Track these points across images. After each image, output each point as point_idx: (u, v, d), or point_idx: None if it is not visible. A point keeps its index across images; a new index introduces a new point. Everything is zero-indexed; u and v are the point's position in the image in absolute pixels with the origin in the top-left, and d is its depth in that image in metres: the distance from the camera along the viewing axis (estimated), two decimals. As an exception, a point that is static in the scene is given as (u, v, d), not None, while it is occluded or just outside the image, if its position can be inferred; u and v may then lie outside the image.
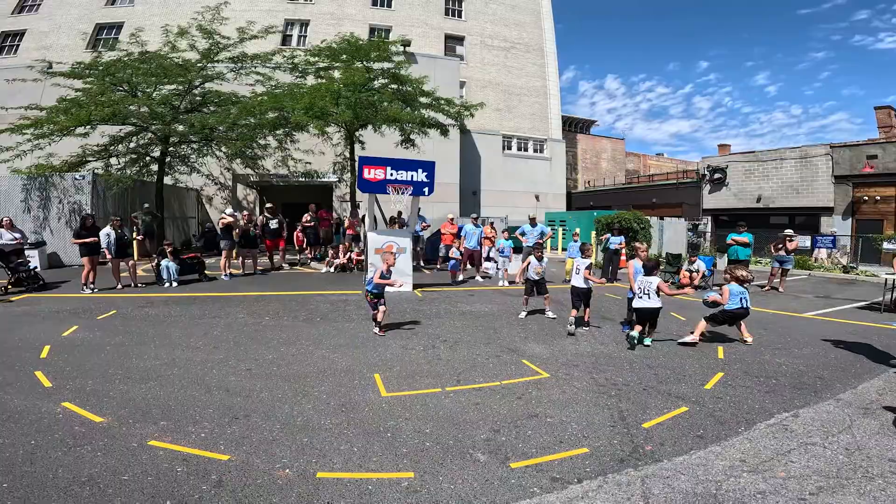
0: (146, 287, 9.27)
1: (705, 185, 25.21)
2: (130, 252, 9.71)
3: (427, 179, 9.18)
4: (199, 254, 11.71)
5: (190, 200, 18.21)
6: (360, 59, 13.38)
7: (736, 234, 10.99)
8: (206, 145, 14.47)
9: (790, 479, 2.73)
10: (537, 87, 28.72)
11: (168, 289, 9.20)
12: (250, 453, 3.01)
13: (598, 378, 4.52)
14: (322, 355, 5.14)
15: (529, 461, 2.99)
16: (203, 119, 13.25)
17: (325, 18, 24.75)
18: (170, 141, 13.75)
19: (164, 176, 14.34)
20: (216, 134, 13.85)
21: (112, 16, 24.04)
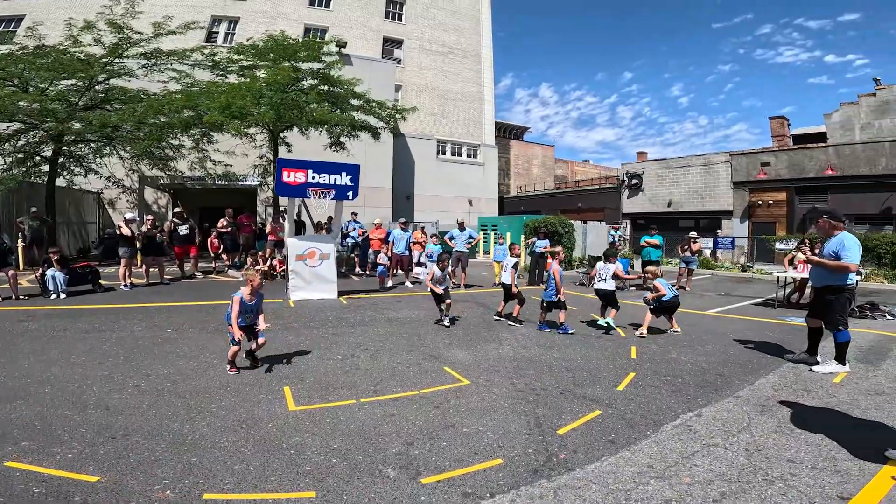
0: (30, 299, 8.21)
1: (624, 191, 26.82)
2: (11, 261, 8.53)
3: (351, 183, 8.87)
4: (98, 262, 10.57)
5: (89, 204, 16.54)
6: (287, 58, 12.78)
7: (648, 236, 11.68)
8: (107, 145, 13.18)
9: (695, 485, 2.75)
10: (473, 93, 29.19)
11: (55, 301, 8.18)
12: (125, 474, 2.71)
13: (518, 383, 4.49)
14: (227, 368, 4.72)
15: (442, 475, 2.84)
16: (104, 117, 12.09)
17: (258, 16, 23.65)
18: (64, 139, 12.38)
19: (55, 177, 12.89)
20: (119, 133, 12.67)
21: (13, 8, 21.67)
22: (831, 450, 3.17)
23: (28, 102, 11.62)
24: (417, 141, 25.80)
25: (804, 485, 2.74)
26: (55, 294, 8.39)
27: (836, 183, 19.74)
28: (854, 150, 19.55)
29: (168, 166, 14.30)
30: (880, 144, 18.91)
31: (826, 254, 5.02)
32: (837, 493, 2.65)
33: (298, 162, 8.74)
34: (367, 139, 14.30)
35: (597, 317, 7.27)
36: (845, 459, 3.04)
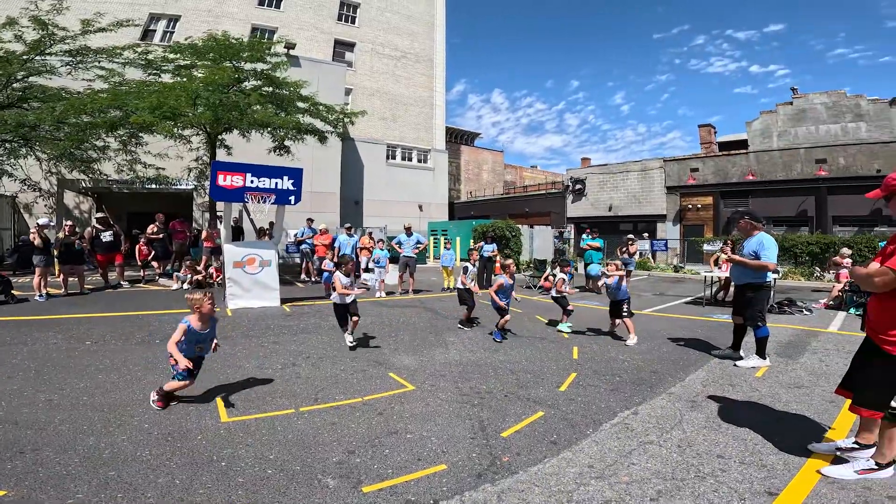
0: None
1: (569, 196, 27.80)
2: None
3: (293, 187, 8.58)
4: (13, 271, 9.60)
5: (3, 209, 15.06)
6: (229, 58, 12.21)
7: (590, 239, 12.13)
8: (23, 145, 12.05)
9: (633, 484, 2.81)
10: (424, 98, 29.24)
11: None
12: (34, 489, 2.55)
13: (463, 387, 4.48)
14: (154, 380, 4.37)
15: (384, 483, 2.76)
16: (20, 116, 11.10)
17: (201, 15, 22.50)
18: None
19: (-39, 180, 11.62)
20: (37, 133, 11.65)
21: None
22: (757, 444, 3.33)
23: None
24: (367, 145, 25.53)
25: (734, 480, 2.85)
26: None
27: (757, 187, 21.41)
28: (772, 157, 21.29)
29: (91, 169, 13.27)
30: (796, 151, 20.71)
31: (746, 253, 5.38)
32: (766, 489, 2.75)
33: (236, 165, 8.34)
34: (314, 143, 13.92)
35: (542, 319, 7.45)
36: (770, 454, 3.18)
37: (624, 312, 6.38)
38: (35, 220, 15.29)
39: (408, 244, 10.73)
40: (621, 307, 6.42)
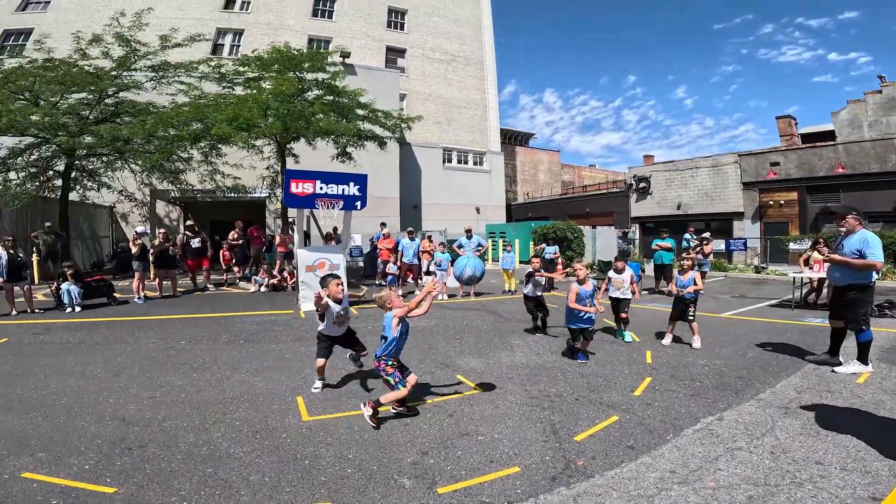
0: (45, 313, 8.32)
1: (632, 195, 26.67)
2: (27, 275, 8.64)
3: (359, 193, 8.89)
4: (112, 276, 10.68)
5: (102, 218, 16.75)
6: (292, 69, 12.91)
7: (660, 239, 11.58)
8: (118, 158, 13.35)
9: (720, 490, 2.69)
10: (477, 100, 29.27)
11: (70, 314, 8.27)
12: (142, 486, 2.69)
13: (532, 390, 4.44)
14: (241, 379, 4.72)
15: (458, 485, 2.80)
16: (115, 130, 12.23)
17: (262, 28, 23.95)
18: (76, 154, 12.55)
19: (69, 191, 13.06)
20: (130, 146, 12.81)
21: (22, 21, 22.16)
22: (860, 451, 3.10)
23: (39, 116, 11.79)
24: (423, 149, 25.90)
25: (834, 486, 2.67)
26: (70, 307, 8.48)
27: (848, 181, 19.47)
28: (864, 148, 19.32)
29: (178, 179, 14.42)
30: (889, 141, 18.68)
31: (848, 252, 4.91)
32: (869, 495, 2.58)
33: (306, 173, 8.79)
34: (374, 149, 14.36)
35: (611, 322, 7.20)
36: (875, 460, 2.97)
37: (690, 315, 6.08)
38: (130, 228, 17.02)
39: (469, 247, 10.78)
40: (689, 309, 6.09)
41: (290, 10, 24.95)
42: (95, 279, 9.51)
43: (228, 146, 13.09)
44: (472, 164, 28.60)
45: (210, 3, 23.83)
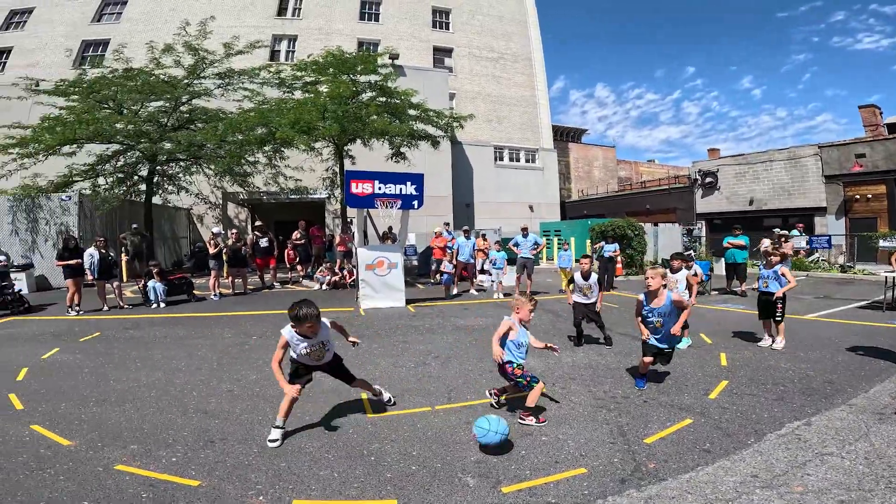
0: (133, 308, 9.08)
1: (697, 190, 25.25)
2: (116, 273, 9.48)
3: (416, 192, 9.04)
4: (189, 274, 11.49)
5: (180, 220, 18.03)
6: (346, 72, 13.32)
7: (732, 237, 10.89)
8: (194, 163, 14.31)
9: (808, 494, 2.54)
10: (527, 97, 28.85)
11: (155, 310, 8.99)
12: (223, 479, 2.83)
13: (596, 391, 4.32)
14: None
15: (523, 484, 2.77)
16: (190, 136, 13.08)
17: (314, 33, 24.80)
18: (157, 159, 13.55)
19: (152, 195, 14.15)
20: (204, 151, 13.68)
21: (98, 32, 23.94)
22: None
23: (123, 124, 12.79)
24: (474, 148, 25.84)
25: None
26: (155, 304, 9.22)
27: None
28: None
29: (246, 182, 15.24)
30: None
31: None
32: None
33: (365, 173, 9.04)
34: (426, 148, 14.52)
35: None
36: None
37: (778, 315, 5.72)
38: (205, 229, 18.23)
39: (525, 245, 10.64)
40: (777, 308, 5.70)
41: (338, 15, 25.64)
42: (177, 277, 10.27)
43: (290, 149, 13.68)
44: (525, 161, 28.20)
45: (264, 10, 24.92)
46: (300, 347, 3.60)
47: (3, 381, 4.70)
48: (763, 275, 5.98)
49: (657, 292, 4.33)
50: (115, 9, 24.50)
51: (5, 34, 24.06)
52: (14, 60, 23.35)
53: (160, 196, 14.78)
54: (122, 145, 13.36)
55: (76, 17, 24.04)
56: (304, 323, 3.48)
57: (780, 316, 5.77)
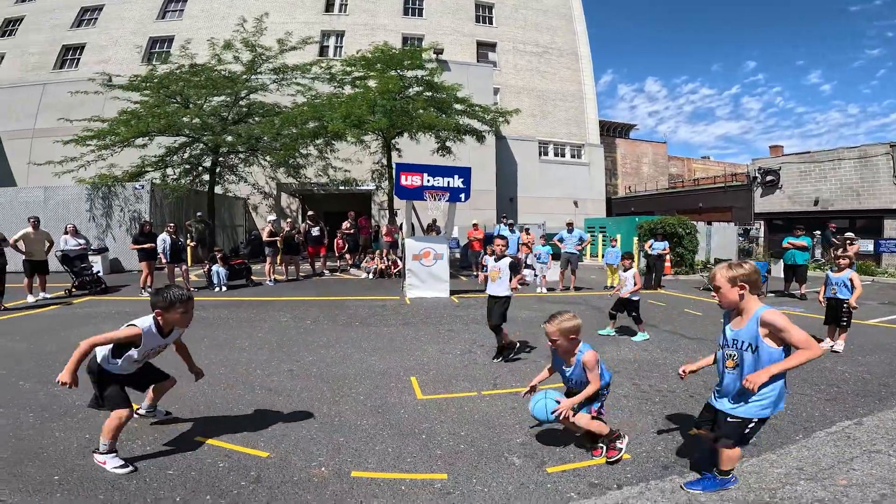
0: (198, 291, 9.71)
1: (756, 188, 24.00)
2: (184, 258, 10.20)
3: (463, 185, 9.21)
4: (246, 260, 12.19)
5: (238, 209, 19.01)
6: (393, 67, 13.63)
7: (793, 237, 10.41)
8: (251, 155, 15.08)
9: (852, 487, 2.60)
10: (573, 92, 28.33)
11: (218, 293, 9.62)
12: (288, 451, 3.06)
13: (642, 384, 4.37)
14: (360, 358, 5.20)
15: (567, 465, 2.92)
16: (249, 129, 13.78)
17: (360, 29, 25.28)
18: (219, 151, 14.36)
19: (214, 185, 15.02)
20: (261, 144, 14.36)
21: (163, 29, 25.23)
22: None
23: (190, 118, 13.63)
24: (519, 143, 25.67)
25: None
26: (218, 287, 9.89)
27: None
28: None
29: (299, 173, 15.87)
30: None
31: None
32: None
33: (414, 166, 9.29)
34: (471, 143, 14.65)
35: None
36: None
37: (843, 320, 5.58)
38: (260, 217, 19.18)
39: (570, 240, 10.61)
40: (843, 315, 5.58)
41: (382, 10, 25.98)
42: (237, 262, 10.94)
43: (340, 142, 14.14)
44: (570, 156, 27.75)
45: (313, 7, 25.58)
46: (149, 348, 3.01)
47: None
48: (833, 281, 5.81)
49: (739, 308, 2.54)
50: (178, 6, 25.76)
51: (78, 31, 25.59)
52: (87, 57, 24.84)
53: (221, 186, 15.64)
54: (188, 138, 14.23)
55: (143, 14, 25.43)
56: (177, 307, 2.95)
57: (845, 321, 5.60)
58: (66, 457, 2.93)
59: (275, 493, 2.58)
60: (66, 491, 2.55)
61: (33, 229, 8.69)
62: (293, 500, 2.54)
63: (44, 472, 2.73)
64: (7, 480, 2.64)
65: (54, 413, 3.59)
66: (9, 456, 2.92)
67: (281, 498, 2.55)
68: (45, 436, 3.21)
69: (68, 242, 9.75)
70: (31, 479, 2.66)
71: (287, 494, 2.58)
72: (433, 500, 2.56)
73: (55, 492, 2.54)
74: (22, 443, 3.09)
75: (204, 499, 2.52)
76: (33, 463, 2.84)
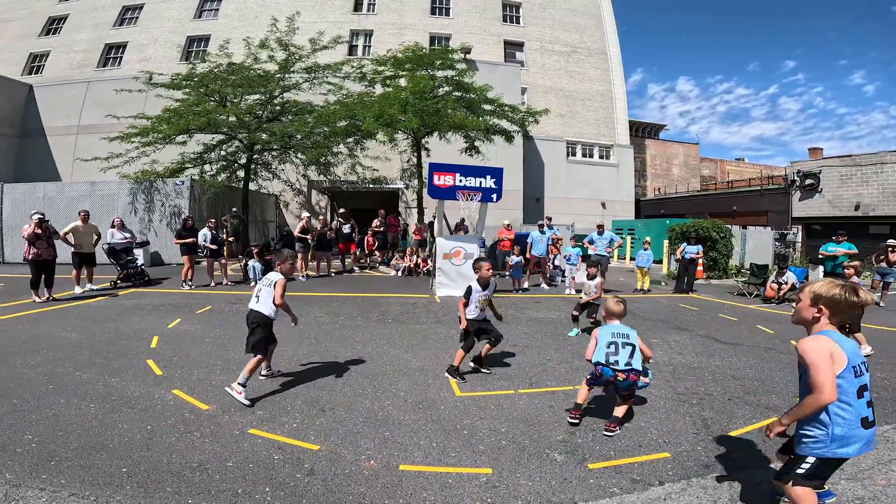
0: (235, 285, 10.03)
1: (795, 192, 23.29)
2: (222, 252, 10.54)
3: (495, 186, 9.27)
4: (279, 255, 12.46)
5: (269, 205, 19.47)
6: (424, 67, 13.73)
7: (834, 244, 10.12)
8: (284, 153, 15.43)
9: (890, 487, 2.69)
10: (602, 92, 27.99)
11: (253, 287, 9.87)
12: (338, 444, 3.16)
13: (678, 387, 4.38)
14: (396, 355, 5.31)
15: (608, 462, 2.98)
16: (283, 128, 14.11)
17: (388, 28, 25.47)
18: (254, 148, 14.75)
19: (249, 182, 15.44)
20: (294, 142, 14.69)
21: (200, 28, 25.89)
22: None
23: (227, 116, 14.01)
24: (546, 143, 25.51)
25: None
26: (254, 281, 10.17)
27: None
28: None
29: (329, 171, 16.12)
30: None
31: None
32: None
33: (446, 166, 9.39)
34: (500, 143, 14.66)
35: (766, 329, 6.64)
36: None
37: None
38: (290, 214, 19.61)
39: (600, 242, 10.54)
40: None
41: (410, 10, 26.09)
42: (272, 257, 11.23)
43: (369, 140, 14.30)
44: (598, 157, 27.44)
45: (342, 6, 25.88)
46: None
47: (140, 347, 5.31)
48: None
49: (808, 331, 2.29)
50: (213, 5, 26.38)
51: (120, 30, 26.41)
52: (129, 55, 25.66)
53: (255, 182, 16.06)
54: (225, 135, 14.67)
55: (181, 14, 26.12)
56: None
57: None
58: (132, 448, 3.04)
59: (329, 486, 2.68)
60: (135, 483, 2.65)
61: (83, 222, 8.99)
62: (347, 492, 2.63)
63: (112, 464, 2.83)
64: (77, 473, 2.74)
65: (115, 404, 3.73)
66: (77, 447, 3.04)
67: (336, 490, 2.64)
68: (109, 427, 3.33)
69: (115, 236, 10.20)
70: (100, 472, 2.76)
71: (341, 486, 2.68)
72: (479, 492, 2.65)
73: (124, 484, 2.64)
74: (88, 434, 3.21)
75: (263, 490, 2.61)
76: (100, 455, 2.94)
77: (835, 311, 2.15)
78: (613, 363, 3.43)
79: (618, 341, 3.50)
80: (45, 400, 3.77)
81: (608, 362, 3.45)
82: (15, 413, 3.51)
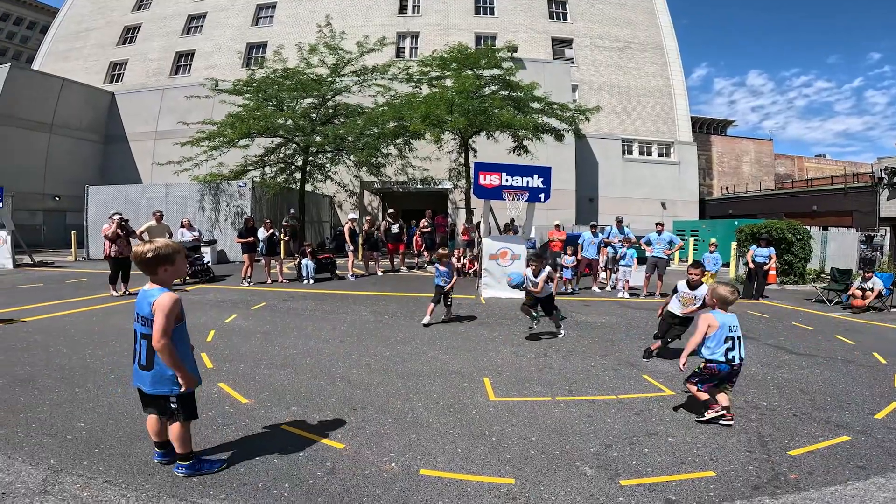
0: (289, 283, 10.42)
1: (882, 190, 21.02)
2: (279, 251, 11.02)
3: (543, 185, 9.02)
4: (332, 254, 12.89)
5: (324, 206, 20.20)
6: (469, 66, 13.62)
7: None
8: (337, 154, 15.92)
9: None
10: (659, 87, 26.66)
11: (306, 285, 10.27)
12: (363, 444, 3.14)
13: (736, 400, 4.00)
14: (434, 356, 5.26)
15: (643, 479, 2.76)
16: (335, 130, 14.56)
17: (433, 29, 25.59)
18: (309, 151, 15.31)
19: (305, 183, 16.08)
20: (346, 143, 15.09)
21: (258, 35, 27.10)
22: None
23: (284, 119, 14.62)
24: (599, 141, 24.65)
25: None
26: (306, 280, 10.58)
27: None
28: None
29: (380, 172, 16.43)
30: None
31: None
32: None
33: (493, 165, 9.25)
34: (550, 141, 14.29)
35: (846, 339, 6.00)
36: None
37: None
38: (343, 214, 20.20)
39: (658, 244, 9.97)
40: None
41: (454, 10, 26.06)
42: (324, 257, 11.62)
43: (418, 141, 14.37)
44: (657, 155, 26.14)
45: (387, 9, 26.23)
46: None
47: (197, 341, 5.49)
48: None
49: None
50: (268, 12, 27.57)
51: (188, 38, 28.04)
52: (197, 63, 27.21)
53: (311, 184, 16.69)
54: (282, 138, 15.36)
55: (240, 21, 27.45)
56: None
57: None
58: (170, 439, 3.18)
59: (346, 486, 2.66)
60: (166, 472, 2.71)
61: (157, 222, 9.80)
62: (363, 493, 2.60)
63: (149, 453, 2.88)
64: (116, 460, 2.84)
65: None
66: (122, 436, 3.14)
67: (353, 491, 2.62)
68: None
69: (184, 235, 10.96)
70: (136, 460, 2.83)
71: (358, 487, 2.65)
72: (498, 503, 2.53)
73: (156, 473, 2.70)
74: (135, 423, 3.26)
75: (283, 486, 2.64)
76: (141, 444, 2.99)
77: None
78: (732, 359, 3.42)
79: (734, 335, 3.47)
80: (105, 389, 4.02)
81: (728, 360, 3.43)
82: (74, 401, 3.75)
